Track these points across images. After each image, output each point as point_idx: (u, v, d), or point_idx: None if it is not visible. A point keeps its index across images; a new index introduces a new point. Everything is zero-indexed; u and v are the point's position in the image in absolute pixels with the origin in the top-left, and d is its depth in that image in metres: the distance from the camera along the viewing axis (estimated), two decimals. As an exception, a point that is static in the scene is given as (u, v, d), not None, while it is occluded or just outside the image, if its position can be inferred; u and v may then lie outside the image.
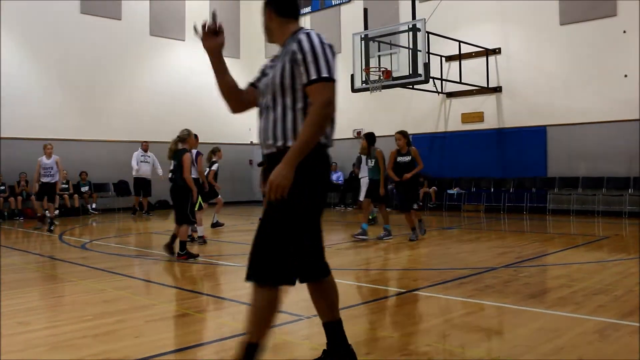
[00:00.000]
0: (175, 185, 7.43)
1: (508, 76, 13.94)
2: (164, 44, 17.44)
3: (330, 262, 2.99)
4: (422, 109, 15.25)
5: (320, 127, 2.51)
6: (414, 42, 12.32)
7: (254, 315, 2.54)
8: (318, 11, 17.89)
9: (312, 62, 2.55)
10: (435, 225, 11.49)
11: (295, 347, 3.53)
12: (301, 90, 2.59)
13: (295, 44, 2.60)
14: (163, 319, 4.29)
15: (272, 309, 2.54)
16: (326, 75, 2.55)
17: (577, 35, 12.87)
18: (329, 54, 2.60)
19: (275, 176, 2.45)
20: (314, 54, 2.57)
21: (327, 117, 2.54)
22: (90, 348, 3.49)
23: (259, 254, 2.54)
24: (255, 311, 2.54)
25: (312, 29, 2.71)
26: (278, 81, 2.63)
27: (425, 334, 3.71)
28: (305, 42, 2.59)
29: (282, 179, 2.44)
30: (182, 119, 17.09)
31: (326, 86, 2.55)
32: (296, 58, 2.58)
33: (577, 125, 12.87)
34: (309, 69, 2.55)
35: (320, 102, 2.52)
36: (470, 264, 6.48)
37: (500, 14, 14.03)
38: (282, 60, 2.66)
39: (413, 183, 8.82)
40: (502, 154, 14.08)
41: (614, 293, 4.78)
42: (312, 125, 2.49)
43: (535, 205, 13.39)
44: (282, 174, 2.44)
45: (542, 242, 8.62)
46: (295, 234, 2.54)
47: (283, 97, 2.63)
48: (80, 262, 7.05)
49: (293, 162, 2.46)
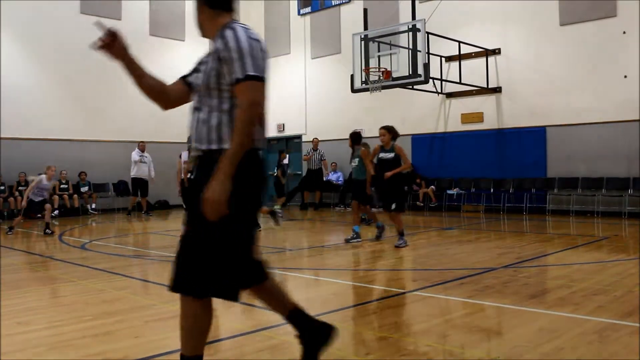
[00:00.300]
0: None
1: (508, 77, 13.94)
2: (164, 44, 17.44)
3: (328, 263, 3.00)
4: (422, 109, 15.25)
5: (248, 132, 2.34)
6: (413, 43, 12.32)
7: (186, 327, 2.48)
8: (318, 11, 17.89)
9: (237, 59, 2.36)
10: (435, 225, 11.49)
11: (295, 347, 3.53)
12: (228, 90, 2.42)
13: (220, 40, 2.43)
14: (163, 319, 4.29)
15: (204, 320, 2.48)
16: (252, 73, 2.35)
17: (577, 35, 12.87)
18: (256, 51, 2.40)
19: (210, 193, 2.29)
20: (239, 51, 2.36)
21: (254, 120, 2.35)
22: (90, 348, 3.49)
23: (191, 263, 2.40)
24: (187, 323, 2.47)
25: (243, 23, 2.52)
26: (203, 81, 2.48)
27: (425, 334, 3.71)
28: (230, 37, 2.40)
29: (218, 195, 2.28)
30: (181, 119, 17.11)
31: (253, 85, 2.35)
32: (221, 55, 2.40)
33: (576, 125, 12.87)
34: (235, 68, 2.36)
35: (246, 104, 2.33)
36: (470, 265, 6.48)
37: (500, 14, 14.03)
38: (210, 57, 2.50)
39: (395, 182, 8.16)
40: (502, 154, 14.08)
41: (613, 293, 4.78)
42: (240, 131, 2.32)
43: (534, 206, 13.39)
44: (217, 190, 2.28)
45: (541, 242, 8.63)
46: (231, 242, 2.40)
47: (209, 97, 2.47)
48: (80, 263, 7.05)
49: (226, 174, 2.30)
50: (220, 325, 4.18)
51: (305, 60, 18.15)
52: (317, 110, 17.68)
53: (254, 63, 2.36)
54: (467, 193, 14.43)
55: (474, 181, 14.46)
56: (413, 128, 15.48)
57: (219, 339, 3.76)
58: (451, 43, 13.61)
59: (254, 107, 2.34)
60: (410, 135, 15.54)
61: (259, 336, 3.75)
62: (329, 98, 17.19)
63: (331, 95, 17.05)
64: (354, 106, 15.88)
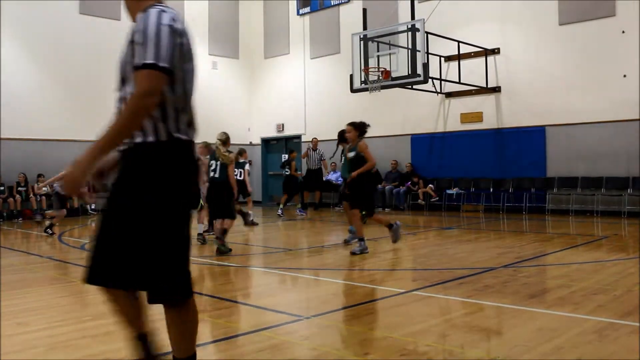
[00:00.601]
0: (219, 184, 7.79)
1: (507, 76, 13.95)
2: (163, 45, 17.42)
3: (328, 262, 2.98)
4: (421, 109, 15.25)
5: (132, 121, 2.17)
6: (413, 42, 12.32)
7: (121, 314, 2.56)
8: (317, 11, 17.89)
9: (140, 45, 2.20)
10: (434, 225, 11.50)
11: (295, 347, 3.53)
12: None
13: (135, 24, 2.29)
14: (162, 319, 4.28)
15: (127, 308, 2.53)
16: (150, 61, 2.16)
17: (576, 35, 12.88)
18: (164, 36, 2.21)
19: (69, 170, 2.17)
20: (144, 36, 2.21)
21: (142, 111, 2.17)
22: (90, 348, 3.49)
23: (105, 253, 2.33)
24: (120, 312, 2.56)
25: (166, 6, 2.34)
26: (120, 70, 2.34)
27: (425, 334, 3.72)
28: (139, 21, 2.25)
29: (76, 174, 2.16)
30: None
31: (149, 74, 2.16)
32: (133, 39, 2.27)
33: (576, 125, 12.87)
34: (137, 54, 2.21)
35: (137, 92, 2.16)
36: (470, 264, 6.48)
37: (499, 14, 14.04)
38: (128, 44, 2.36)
39: (358, 183, 7.59)
40: (501, 154, 14.08)
41: (613, 293, 4.79)
42: (121, 120, 2.17)
43: (534, 206, 13.39)
44: (77, 169, 2.16)
45: (541, 242, 8.63)
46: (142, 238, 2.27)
47: (125, 84, 2.33)
48: (80, 263, 7.04)
49: (93, 155, 2.17)
50: (220, 326, 4.18)
51: (305, 60, 18.15)
52: (317, 110, 17.69)
53: (157, 50, 2.18)
54: (467, 193, 14.44)
55: (474, 181, 14.47)
56: (412, 128, 15.49)
57: (219, 339, 3.76)
58: (450, 43, 13.61)
59: (145, 97, 2.15)
60: (410, 135, 15.55)
61: (259, 336, 3.75)
62: (328, 98, 17.20)
63: (330, 95, 17.05)
64: (353, 106, 15.87)
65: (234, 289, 5.72)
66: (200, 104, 13.34)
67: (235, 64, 19.37)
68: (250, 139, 19.28)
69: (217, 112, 18.21)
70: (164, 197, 2.28)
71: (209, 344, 3.65)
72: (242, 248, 8.38)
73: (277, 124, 18.77)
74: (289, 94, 18.44)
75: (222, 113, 18.29)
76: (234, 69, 19.25)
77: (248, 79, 19.56)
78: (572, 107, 12.89)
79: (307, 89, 18.06)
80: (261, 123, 19.20)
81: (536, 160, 13.46)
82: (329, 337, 3.78)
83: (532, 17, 13.51)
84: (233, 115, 18.74)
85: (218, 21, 18.76)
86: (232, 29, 19.22)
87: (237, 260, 7.22)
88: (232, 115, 18.66)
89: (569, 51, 12.96)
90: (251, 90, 19.55)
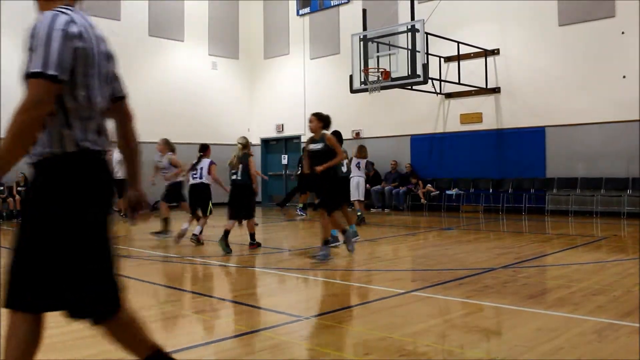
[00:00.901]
0: (241, 185, 8.05)
1: (507, 77, 13.95)
2: (163, 45, 17.42)
3: (328, 263, 2.98)
4: (421, 109, 15.25)
5: (21, 137, 2.02)
6: (412, 43, 12.33)
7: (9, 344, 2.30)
8: (317, 12, 17.90)
9: (29, 53, 2.06)
10: (434, 226, 11.50)
11: (294, 347, 3.53)
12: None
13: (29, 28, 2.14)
14: (162, 319, 4.29)
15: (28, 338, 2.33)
16: (36, 70, 2.01)
17: (575, 36, 12.89)
18: (55, 42, 2.04)
19: None
20: (33, 43, 2.06)
21: (29, 123, 2.01)
22: (89, 348, 3.49)
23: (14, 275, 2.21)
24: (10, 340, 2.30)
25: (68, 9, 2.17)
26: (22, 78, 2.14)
27: (424, 334, 3.72)
28: (33, 26, 2.10)
29: None
30: (181, 119, 17.14)
31: (36, 84, 2.01)
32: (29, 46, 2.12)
33: (575, 126, 12.88)
34: (27, 61, 2.07)
35: (23, 105, 2.01)
36: (469, 265, 6.48)
37: (499, 14, 14.05)
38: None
39: (325, 177, 6.95)
40: (501, 154, 14.09)
41: (612, 293, 4.79)
42: (11, 134, 2.00)
43: (533, 206, 13.40)
44: None
45: (540, 242, 8.63)
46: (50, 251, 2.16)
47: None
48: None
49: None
50: (220, 326, 4.19)
51: (304, 61, 18.15)
52: (316, 111, 17.65)
53: (45, 57, 2.02)
54: (466, 193, 14.44)
55: (473, 181, 14.48)
56: (412, 128, 15.49)
57: (219, 339, 3.77)
58: (450, 43, 13.62)
59: (30, 110, 2.00)
60: (410, 136, 15.56)
61: (259, 336, 3.75)
62: (328, 98, 17.18)
63: (330, 96, 17.04)
64: (353, 107, 15.88)
65: (234, 289, 5.72)
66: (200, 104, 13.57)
67: (235, 64, 19.36)
68: (250, 139, 19.27)
69: (217, 113, 18.22)
70: (70, 208, 2.17)
71: (209, 344, 3.65)
72: (241, 248, 8.38)
73: (276, 124, 18.77)
74: (288, 95, 18.44)
75: (221, 113, 18.30)
76: (233, 69, 19.25)
77: (248, 79, 19.56)
78: (571, 108, 12.90)
79: (306, 90, 18.06)
80: (261, 123, 19.19)
81: (536, 161, 13.46)
82: (329, 337, 3.78)
83: (531, 17, 13.52)
84: (232, 115, 18.73)
85: (218, 21, 18.76)
86: (232, 29, 19.22)
87: (237, 260, 7.22)
88: (231, 116, 18.65)
89: (569, 52, 12.97)
90: (251, 90, 19.54)
